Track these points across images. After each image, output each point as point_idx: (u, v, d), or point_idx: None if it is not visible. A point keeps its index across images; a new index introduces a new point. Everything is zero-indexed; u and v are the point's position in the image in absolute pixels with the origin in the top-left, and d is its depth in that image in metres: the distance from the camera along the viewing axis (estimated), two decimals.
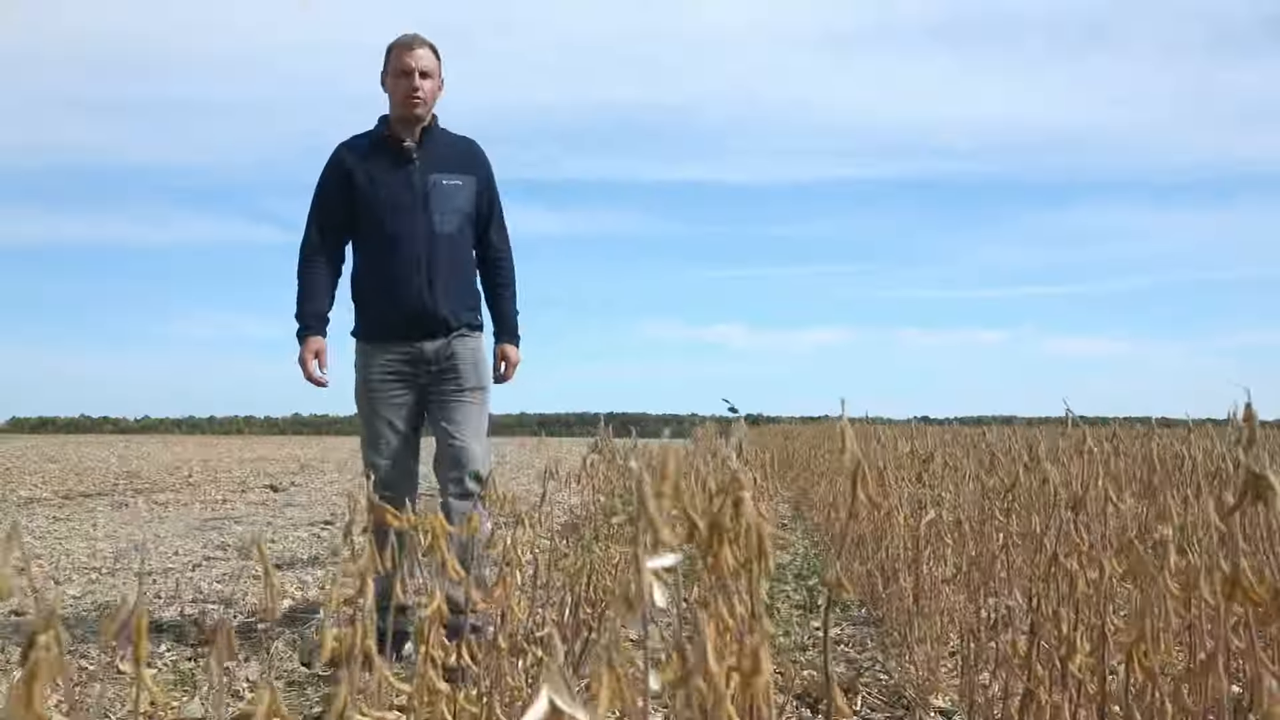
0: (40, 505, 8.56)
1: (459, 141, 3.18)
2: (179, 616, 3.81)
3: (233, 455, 19.80)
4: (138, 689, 0.77)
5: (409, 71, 3.00)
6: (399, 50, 3.04)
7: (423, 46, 3.05)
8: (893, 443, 4.17)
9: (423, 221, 3.01)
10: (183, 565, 5.22)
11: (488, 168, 3.21)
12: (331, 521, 7.43)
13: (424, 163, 3.05)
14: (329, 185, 3.08)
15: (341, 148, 3.11)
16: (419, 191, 3.02)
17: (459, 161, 3.12)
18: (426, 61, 3.03)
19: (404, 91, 3.01)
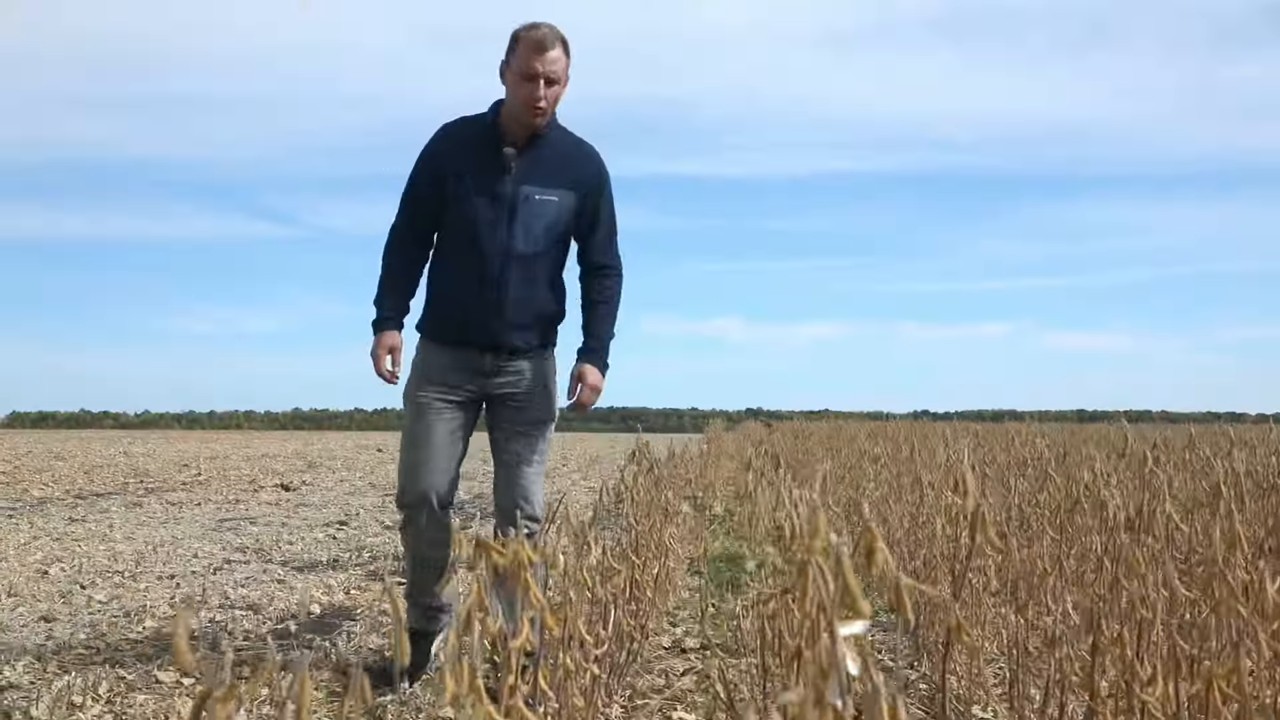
0: (54, 505, 8.57)
1: (570, 150, 2.92)
2: (209, 624, 3.82)
3: (238, 452, 19.80)
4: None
5: (535, 76, 2.73)
6: (528, 49, 2.74)
7: (555, 47, 2.75)
8: (922, 446, 4.18)
9: (504, 237, 2.82)
10: (204, 568, 5.23)
11: (597, 180, 2.95)
12: (346, 522, 7.45)
13: (521, 172, 2.83)
14: (421, 173, 2.92)
15: (442, 134, 2.92)
16: (506, 204, 2.81)
17: (561, 174, 2.87)
18: (557, 66, 2.75)
19: (526, 97, 2.75)
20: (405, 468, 2.89)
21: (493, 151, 2.83)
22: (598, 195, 2.95)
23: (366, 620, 3.90)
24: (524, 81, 2.74)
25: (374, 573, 5.10)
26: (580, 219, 2.93)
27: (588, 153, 2.96)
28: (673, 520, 2.31)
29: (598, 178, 2.95)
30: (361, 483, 11.54)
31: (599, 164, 2.97)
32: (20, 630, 3.70)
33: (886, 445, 4.35)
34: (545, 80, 2.74)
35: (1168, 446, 2.66)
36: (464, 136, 2.89)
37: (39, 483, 11.01)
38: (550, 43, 2.74)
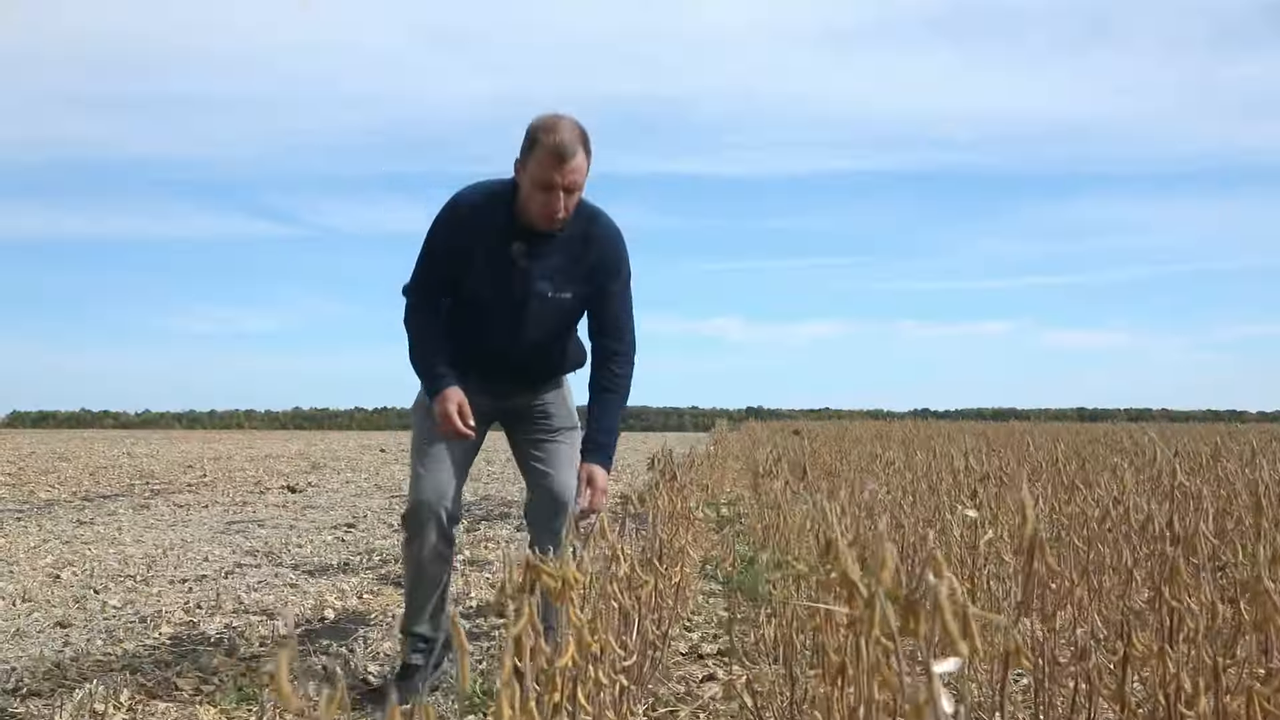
0: (62, 508, 8.57)
1: (586, 236, 2.75)
2: (225, 629, 3.82)
3: (241, 452, 19.80)
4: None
5: (554, 187, 2.57)
6: (548, 159, 2.54)
7: (576, 154, 2.55)
8: (933, 448, 4.18)
9: (514, 327, 2.75)
10: (215, 572, 5.24)
11: (614, 266, 2.80)
12: (354, 524, 7.45)
13: (534, 270, 2.70)
14: (438, 242, 2.77)
15: (462, 205, 2.75)
16: (517, 301, 2.72)
17: (576, 268, 2.73)
18: (578, 175, 2.58)
19: (542, 209, 2.60)
20: (414, 479, 2.82)
21: (506, 241, 2.69)
22: (611, 284, 2.81)
23: (381, 626, 3.90)
24: (541, 191, 2.58)
25: (385, 576, 5.10)
26: (593, 303, 2.82)
27: (605, 236, 2.78)
28: (693, 527, 2.31)
29: (615, 263, 2.80)
30: (367, 484, 11.53)
31: (615, 248, 2.80)
32: (37, 636, 3.70)
33: (899, 449, 4.35)
34: (566, 190, 2.58)
35: (1191, 455, 2.66)
36: (478, 219, 2.72)
37: (45, 484, 11.01)
38: (571, 151, 2.54)
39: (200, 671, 3.14)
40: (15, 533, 6.75)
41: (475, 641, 3.57)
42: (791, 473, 2.63)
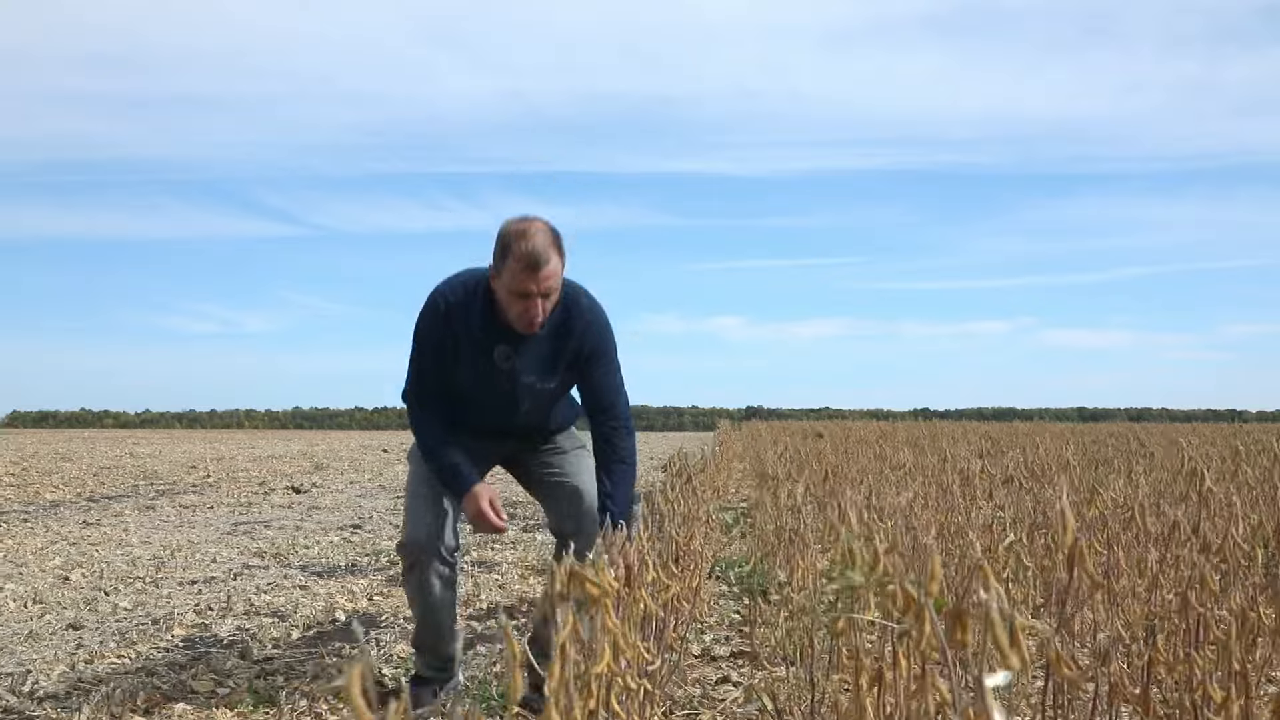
0: (67, 508, 8.58)
1: (565, 323, 2.75)
2: (237, 631, 3.83)
3: (244, 453, 19.81)
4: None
5: (529, 295, 2.57)
6: (521, 268, 2.54)
7: (549, 261, 2.55)
8: (947, 450, 4.17)
9: (508, 409, 2.81)
10: (224, 574, 5.24)
11: (598, 353, 2.81)
12: (360, 525, 7.46)
13: (519, 365, 2.74)
14: (425, 341, 2.77)
15: (442, 303, 2.75)
16: (506, 390, 2.77)
17: (559, 356, 2.77)
18: (552, 280, 2.59)
19: (519, 315, 2.62)
20: (410, 514, 2.78)
21: (489, 341, 2.72)
22: (599, 365, 2.82)
23: (393, 628, 3.91)
24: (517, 299, 2.59)
25: (394, 578, 5.10)
26: (584, 383, 2.85)
27: (585, 322, 2.78)
28: (708, 530, 2.32)
29: (598, 347, 2.81)
30: (371, 485, 11.54)
31: (596, 332, 2.81)
32: (50, 638, 3.71)
33: (908, 451, 4.35)
34: (541, 295, 2.59)
35: (1204, 458, 2.66)
36: (459, 315, 2.73)
37: (49, 485, 11.02)
38: (544, 259, 2.54)
39: (215, 674, 3.15)
40: (22, 534, 6.75)
41: (486, 644, 3.58)
42: (808, 477, 2.63)
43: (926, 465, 3.73)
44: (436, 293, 2.79)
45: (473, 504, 2.68)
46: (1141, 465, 3.16)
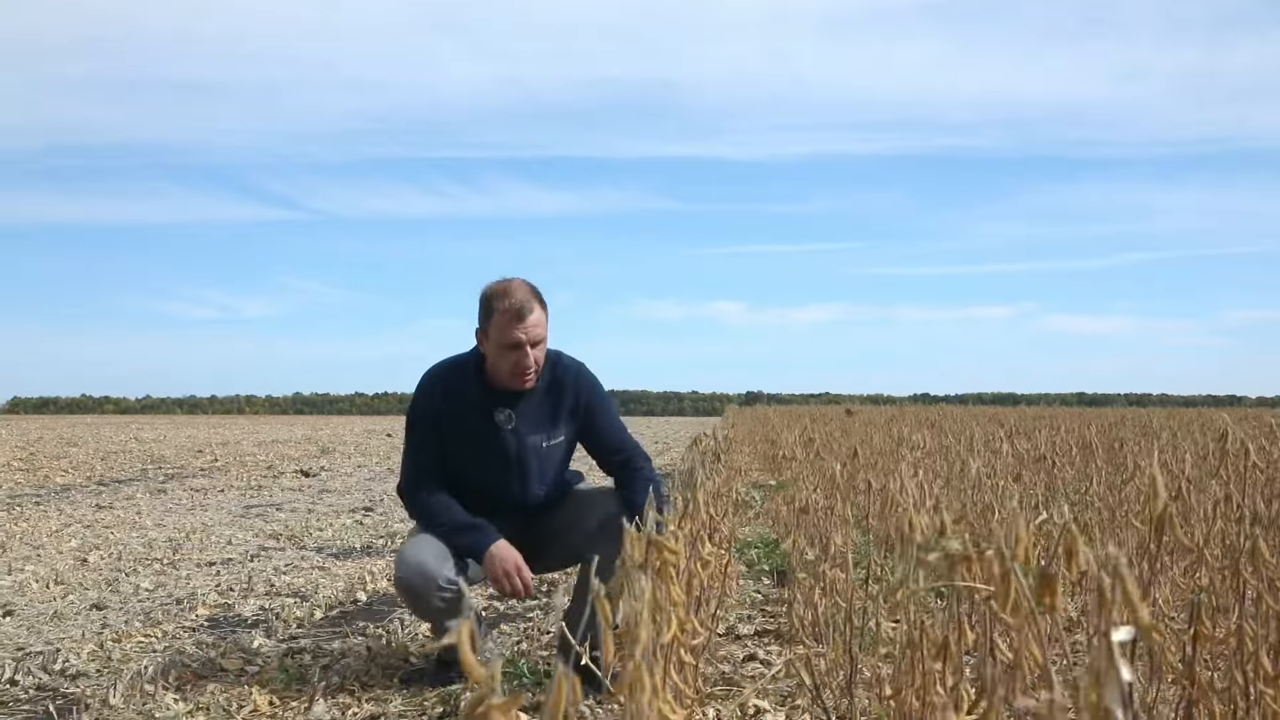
0: (78, 492, 8.60)
1: (559, 386, 2.81)
2: (260, 611, 3.84)
3: (249, 438, 19.83)
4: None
5: (519, 345, 2.64)
6: (507, 321, 2.63)
7: (534, 310, 2.65)
8: (967, 433, 4.17)
9: (517, 487, 2.80)
10: (241, 555, 5.26)
11: (594, 402, 2.86)
12: (371, 508, 7.47)
13: (522, 427, 2.77)
14: (424, 423, 2.78)
15: (435, 383, 2.80)
16: (513, 458, 2.77)
17: (558, 412, 2.81)
18: (539, 328, 2.67)
19: (513, 367, 2.67)
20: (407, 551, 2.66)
21: (487, 410, 2.75)
22: (598, 412, 2.87)
23: None
24: (509, 351, 2.66)
25: None
26: (588, 436, 2.88)
27: (572, 378, 2.84)
28: (740, 509, 2.33)
29: (591, 395, 2.86)
30: (379, 468, 11.56)
31: (586, 383, 2.87)
32: (74, 618, 3.72)
33: (927, 432, 4.36)
34: (531, 344, 2.66)
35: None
36: (454, 392, 2.77)
37: (58, 469, 11.04)
38: (528, 308, 2.63)
39: (243, 652, 3.16)
40: (36, 516, 6.77)
41: (510, 623, 3.59)
42: (849, 456, 2.64)
43: (947, 446, 3.73)
44: (427, 376, 2.85)
45: (494, 563, 2.60)
46: (1161, 445, 3.16)
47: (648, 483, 2.79)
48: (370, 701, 2.65)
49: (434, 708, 2.59)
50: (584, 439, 2.90)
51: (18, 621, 3.66)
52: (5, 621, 3.64)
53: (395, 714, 2.54)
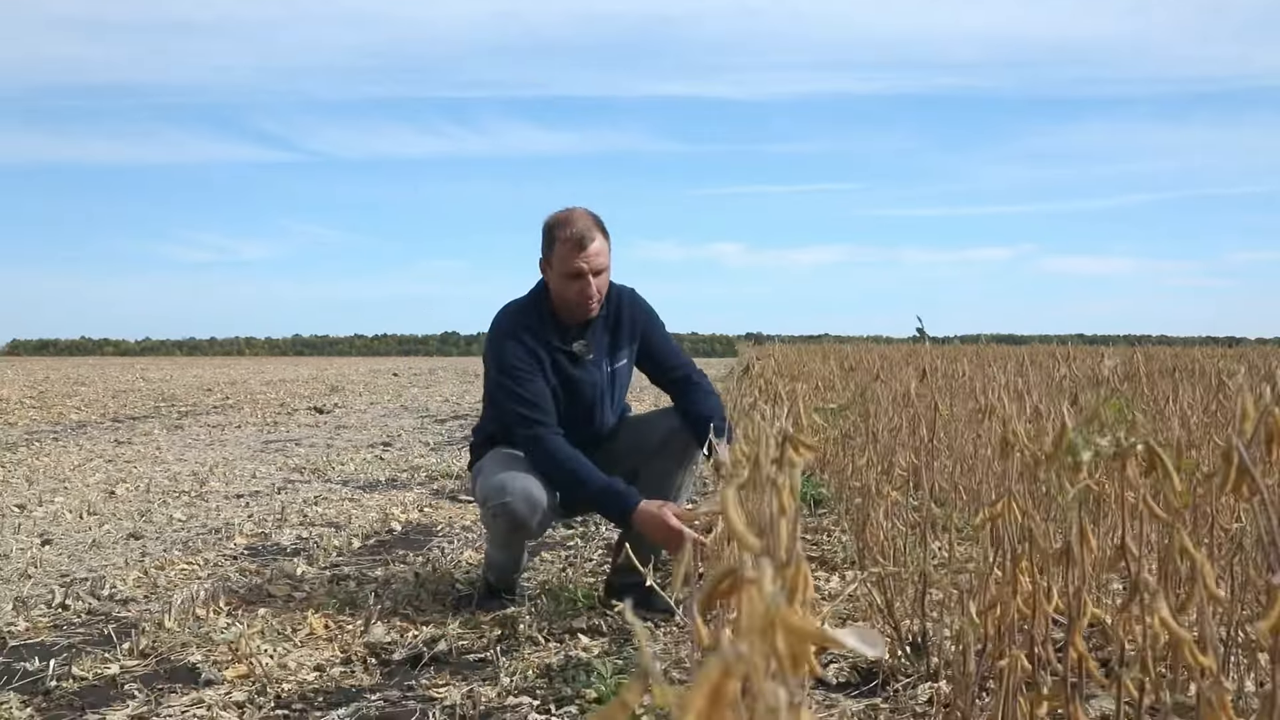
0: (94, 429, 8.59)
1: (617, 312, 2.82)
2: (298, 540, 3.83)
3: (255, 377, 19.82)
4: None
5: (582, 274, 2.66)
6: (569, 250, 2.64)
7: (595, 238, 2.66)
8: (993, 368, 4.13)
9: (597, 416, 2.81)
10: (267, 488, 5.25)
11: (649, 320, 2.88)
12: (390, 444, 7.46)
13: (597, 353, 2.79)
14: (522, 364, 2.69)
15: (514, 325, 2.76)
16: (595, 387, 2.79)
17: (620, 338, 2.83)
18: (601, 257, 2.68)
19: (577, 296, 2.69)
20: (509, 480, 2.64)
21: (566, 346, 2.75)
22: (654, 330, 2.89)
23: (448, 536, 3.92)
24: (572, 280, 2.67)
25: (438, 491, 5.12)
26: (647, 358, 2.90)
27: (626, 302, 2.85)
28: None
29: (647, 316, 2.88)
30: (393, 405, 11.55)
31: (640, 305, 2.89)
32: (113, 547, 3.71)
33: (964, 363, 4.30)
34: (593, 273, 2.67)
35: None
36: (529, 329, 2.74)
37: (71, 407, 11.03)
38: (590, 236, 2.65)
39: (289, 579, 3.16)
40: (56, 452, 6.76)
41: (550, 550, 3.59)
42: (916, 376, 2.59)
43: (990, 374, 3.69)
44: (504, 318, 2.81)
45: (654, 522, 2.47)
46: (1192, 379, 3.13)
47: (709, 393, 2.81)
48: (426, 625, 2.65)
49: (491, 630, 2.59)
50: (642, 360, 2.91)
51: (57, 550, 3.65)
52: (45, 550, 3.64)
53: (454, 636, 2.54)
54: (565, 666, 2.28)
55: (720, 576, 0.69)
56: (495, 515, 2.66)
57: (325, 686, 2.21)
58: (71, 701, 2.10)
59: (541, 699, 2.10)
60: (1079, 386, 2.73)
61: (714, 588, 0.70)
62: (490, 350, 2.79)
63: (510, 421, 2.73)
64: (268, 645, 2.45)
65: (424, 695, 2.14)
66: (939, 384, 2.39)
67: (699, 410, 2.77)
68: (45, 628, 2.65)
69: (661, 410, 3.01)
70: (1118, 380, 2.73)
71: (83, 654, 2.40)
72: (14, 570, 3.30)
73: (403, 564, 3.41)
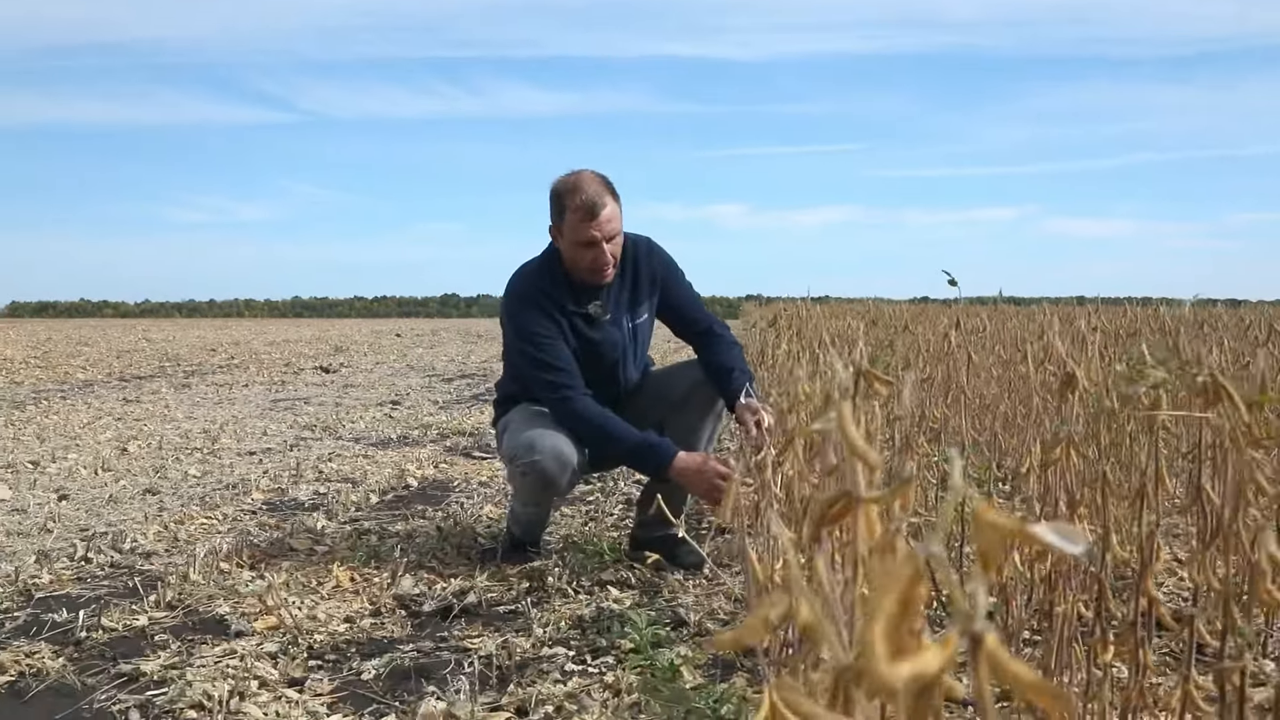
0: (101, 387, 8.57)
1: (634, 265, 2.76)
2: (315, 496, 3.82)
3: (257, 338, 19.79)
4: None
5: (595, 242, 2.58)
6: (580, 218, 2.56)
7: (606, 204, 2.57)
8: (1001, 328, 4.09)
9: (619, 374, 2.77)
10: (279, 445, 5.24)
11: (667, 271, 2.82)
12: (399, 402, 7.44)
13: (616, 311, 2.73)
14: (541, 325, 2.64)
15: (528, 287, 2.70)
16: (614, 345, 2.73)
17: (639, 292, 2.77)
18: (614, 222, 2.60)
19: (591, 264, 2.62)
20: (538, 437, 2.61)
21: (582, 308, 2.69)
22: (674, 281, 2.83)
23: (465, 491, 3.90)
24: (585, 249, 2.60)
25: (451, 448, 5.10)
26: (668, 310, 2.84)
27: (643, 253, 2.78)
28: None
29: (666, 267, 2.82)
30: (398, 365, 11.53)
31: (658, 256, 2.81)
32: (130, 502, 3.70)
33: (983, 317, 4.29)
34: (606, 239, 2.58)
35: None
36: (544, 291, 2.68)
37: (76, 366, 11.00)
38: (601, 202, 2.56)
39: (310, 533, 3.14)
40: (65, 410, 6.74)
41: (570, 505, 3.57)
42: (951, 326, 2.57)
43: (1014, 329, 3.66)
44: (519, 280, 2.75)
45: (695, 473, 2.42)
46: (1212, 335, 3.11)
47: (731, 344, 2.77)
48: (453, 577, 2.63)
49: (519, 582, 2.57)
50: (663, 312, 2.86)
51: (75, 504, 3.64)
52: (62, 505, 3.62)
53: (483, 588, 2.52)
54: (598, 618, 2.27)
55: (833, 499, 0.66)
56: (524, 473, 2.63)
57: (357, 638, 2.20)
58: (103, 652, 2.08)
59: (576, 649, 2.08)
60: (1111, 341, 2.69)
61: (825, 511, 0.67)
62: (507, 315, 2.75)
63: (536, 388, 2.68)
64: (294, 597, 2.44)
65: (458, 646, 2.13)
66: (964, 339, 2.36)
67: (721, 361, 2.72)
68: (69, 580, 2.63)
69: (684, 363, 2.96)
70: (1153, 332, 2.69)
71: (110, 606, 2.38)
72: (34, 524, 3.28)
73: (422, 519, 3.40)
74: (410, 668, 2.01)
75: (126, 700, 1.84)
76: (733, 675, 1.90)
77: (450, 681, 1.92)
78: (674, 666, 1.90)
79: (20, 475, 4.19)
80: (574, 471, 2.64)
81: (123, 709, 1.81)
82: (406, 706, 1.82)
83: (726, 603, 2.38)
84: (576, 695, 1.81)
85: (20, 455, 4.72)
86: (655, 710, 1.74)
